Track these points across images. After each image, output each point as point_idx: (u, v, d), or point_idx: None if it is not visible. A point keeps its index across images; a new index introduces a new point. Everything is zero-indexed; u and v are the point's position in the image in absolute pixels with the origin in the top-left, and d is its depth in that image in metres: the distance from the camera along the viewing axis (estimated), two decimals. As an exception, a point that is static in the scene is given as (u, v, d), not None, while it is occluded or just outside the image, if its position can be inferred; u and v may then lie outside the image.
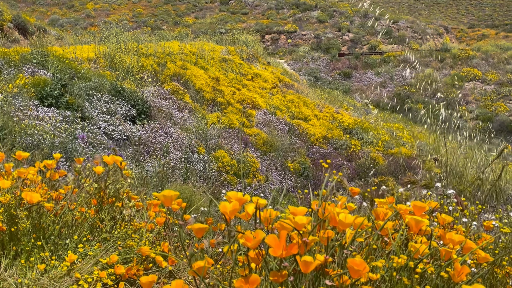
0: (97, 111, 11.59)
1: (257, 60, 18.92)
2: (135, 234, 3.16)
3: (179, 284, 1.72)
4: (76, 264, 2.76)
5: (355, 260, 1.66)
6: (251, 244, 1.75)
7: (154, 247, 3.15)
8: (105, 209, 3.19)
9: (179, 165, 11.68)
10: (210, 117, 14.24)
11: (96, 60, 13.82)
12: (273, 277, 1.74)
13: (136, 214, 3.42)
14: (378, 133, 16.74)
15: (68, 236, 3.00)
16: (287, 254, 1.69)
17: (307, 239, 1.78)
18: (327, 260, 1.86)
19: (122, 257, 3.04)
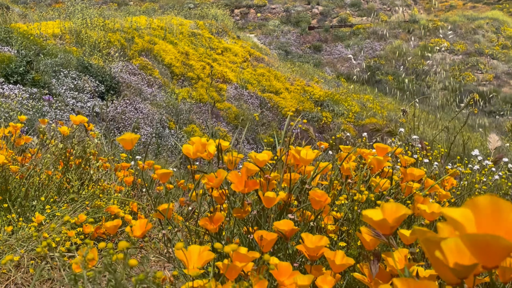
0: (65, 88, 11.40)
1: (227, 35, 18.76)
2: (103, 195, 3.15)
3: (143, 222, 1.73)
4: (44, 225, 2.74)
5: (316, 191, 1.69)
6: (213, 183, 1.76)
7: (123, 207, 3.15)
8: (72, 170, 3.16)
9: (150, 140, 11.61)
10: (181, 92, 14.14)
11: (62, 36, 13.54)
12: (236, 213, 1.75)
13: (104, 175, 3.40)
14: (349, 105, 16.85)
15: (35, 198, 2.98)
16: (249, 190, 1.70)
17: (269, 176, 1.80)
18: (290, 197, 1.88)
19: (90, 217, 3.03)
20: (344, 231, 2.00)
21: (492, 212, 0.61)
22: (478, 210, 0.62)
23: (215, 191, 1.86)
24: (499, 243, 0.55)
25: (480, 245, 0.57)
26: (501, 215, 0.60)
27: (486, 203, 0.62)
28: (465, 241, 0.58)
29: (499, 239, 0.54)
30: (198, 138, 2.00)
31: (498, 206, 0.61)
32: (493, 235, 0.54)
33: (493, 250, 0.57)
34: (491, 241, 0.55)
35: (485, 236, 0.55)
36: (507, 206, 0.60)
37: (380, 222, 0.99)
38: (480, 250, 0.58)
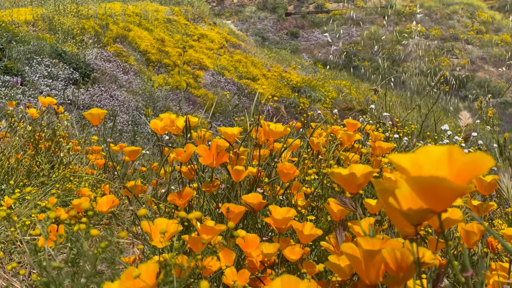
0: (38, 75, 11.22)
1: (203, 21, 18.62)
2: (74, 178, 3.10)
3: (109, 198, 1.70)
4: (13, 208, 2.70)
5: (284, 164, 1.68)
6: (181, 157, 1.74)
7: (95, 190, 3.11)
8: (42, 153, 3.11)
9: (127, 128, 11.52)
10: (157, 79, 14.02)
11: (35, 23, 13.29)
12: (205, 187, 1.74)
13: (75, 159, 3.36)
14: (326, 91, 16.89)
15: (4, 182, 2.93)
16: (218, 163, 1.69)
17: (238, 150, 1.79)
18: (260, 172, 1.87)
19: (61, 200, 2.99)
20: (315, 206, 2.00)
21: (442, 156, 0.60)
22: (429, 156, 0.61)
23: (184, 167, 1.85)
24: (444, 184, 0.54)
25: (426, 187, 0.56)
26: (451, 159, 0.60)
27: (437, 149, 0.61)
28: (411, 185, 0.58)
29: (444, 180, 0.54)
30: (167, 114, 1.97)
31: (449, 151, 0.60)
32: (438, 177, 0.54)
33: (439, 193, 0.57)
34: (436, 183, 0.54)
35: (430, 178, 0.54)
36: (457, 151, 0.60)
37: (349, 177, 0.98)
38: (427, 193, 0.58)
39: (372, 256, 0.85)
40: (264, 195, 1.88)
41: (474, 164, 0.57)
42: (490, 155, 0.58)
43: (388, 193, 0.68)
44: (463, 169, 0.57)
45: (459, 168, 0.58)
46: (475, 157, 0.57)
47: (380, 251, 0.85)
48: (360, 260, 0.88)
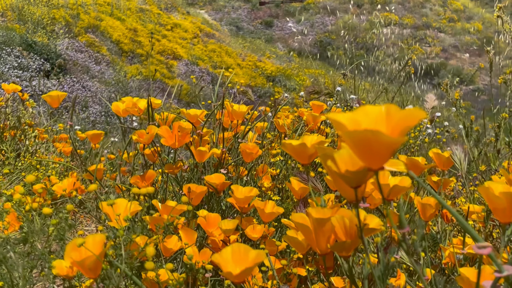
0: (8, 66, 11.00)
1: (176, 10, 18.45)
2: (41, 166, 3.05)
3: (70, 181, 1.68)
4: (-22, 198, 2.64)
5: (247, 144, 1.67)
6: (143, 139, 1.72)
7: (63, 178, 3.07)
8: (7, 141, 3.06)
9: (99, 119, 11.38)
10: (130, 69, 13.87)
11: (3, 13, 13.01)
12: (167, 169, 1.73)
13: (42, 147, 3.30)
14: (301, 80, 16.91)
15: (-32, 171, 2.87)
16: (180, 144, 1.67)
17: (201, 131, 1.78)
18: (224, 153, 1.86)
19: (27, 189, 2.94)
20: (281, 188, 2.00)
21: (380, 114, 0.60)
22: (368, 114, 0.61)
23: (147, 149, 1.83)
24: (378, 137, 0.54)
25: (361, 141, 0.56)
26: (389, 116, 0.60)
27: (376, 107, 0.61)
28: (347, 140, 0.58)
29: (378, 133, 0.53)
30: (130, 97, 1.95)
31: (386, 109, 0.60)
32: (372, 130, 0.54)
33: (374, 147, 0.56)
34: (371, 137, 0.54)
35: (365, 131, 0.54)
36: (394, 108, 0.60)
37: (299, 147, 0.98)
38: (363, 147, 0.57)
39: (321, 224, 0.85)
40: (229, 177, 1.87)
41: (408, 117, 0.57)
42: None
43: (328, 158, 0.68)
44: (398, 124, 0.57)
45: (395, 123, 0.58)
46: (410, 111, 0.57)
47: (329, 219, 0.85)
48: (310, 229, 0.88)
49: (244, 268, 0.77)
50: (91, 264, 0.81)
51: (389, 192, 0.94)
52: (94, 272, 0.84)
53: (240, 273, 0.77)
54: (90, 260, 0.81)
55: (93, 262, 0.81)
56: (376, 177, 0.61)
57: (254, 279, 1.24)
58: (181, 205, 1.46)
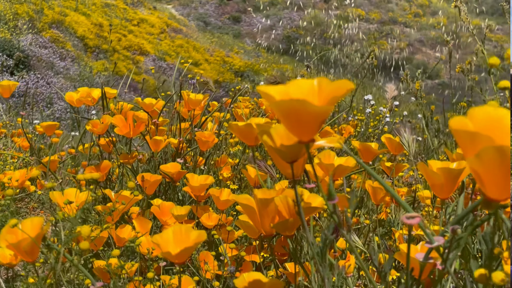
0: (-32, 63, 10.74)
1: (143, 5, 18.25)
2: (-1, 161, 2.98)
3: (22, 172, 1.64)
4: None
5: (203, 132, 1.66)
6: (97, 129, 1.69)
7: (22, 173, 3.00)
8: (-38, 136, 2.98)
9: (65, 116, 11.19)
10: (96, 65, 13.68)
11: (-37, 8, 12.69)
12: (123, 159, 1.70)
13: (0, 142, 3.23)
14: (269, 75, 16.93)
15: None
16: (135, 134, 1.65)
17: (157, 121, 1.76)
18: (181, 143, 1.85)
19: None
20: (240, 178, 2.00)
21: (312, 87, 0.60)
22: (300, 87, 0.61)
23: (102, 139, 1.80)
24: (305, 107, 0.54)
25: (289, 112, 0.56)
26: (320, 89, 0.59)
27: (308, 81, 0.61)
28: (276, 111, 0.57)
29: (305, 102, 0.53)
30: (85, 88, 1.92)
31: (319, 82, 0.60)
32: (298, 99, 0.53)
33: (303, 118, 0.56)
34: (298, 106, 0.54)
35: (291, 101, 0.54)
36: (325, 81, 0.59)
37: (245, 128, 0.97)
38: (291, 119, 0.57)
39: (265, 204, 0.85)
40: (187, 166, 1.86)
41: (337, 88, 0.57)
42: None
43: (265, 133, 0.67)
44: (329, 95, 0.57)
45: (326, 95, 0.58)
46: (339, 82, 0.57)
47: (273, 199, 0.84)
48: (254, 210, 0.87)
49: (183, 248, 0.76)
50: (27, 246, 0.79)
51: (334, 172, 0.94)
52: (30, 256, 0.82)
53: (179, 252, 0.76)
54: (26, 242, 0.79)
55: (29, 244, 0.79)
56: (307, 149, 0.61)
57: (207, 266, 1.23)
58: (135, 194, 1.44)
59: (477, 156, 0.44)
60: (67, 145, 3.88)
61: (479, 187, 0.49)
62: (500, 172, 0.45)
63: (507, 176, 0.46)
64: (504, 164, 0.44)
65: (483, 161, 0.44)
